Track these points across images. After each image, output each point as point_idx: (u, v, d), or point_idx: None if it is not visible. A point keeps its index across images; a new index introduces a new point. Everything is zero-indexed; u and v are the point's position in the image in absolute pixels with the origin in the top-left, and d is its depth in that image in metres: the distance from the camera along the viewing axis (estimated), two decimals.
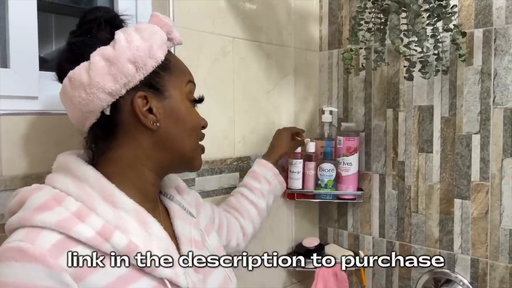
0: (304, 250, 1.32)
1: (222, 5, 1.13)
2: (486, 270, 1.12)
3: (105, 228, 0.60)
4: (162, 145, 0.69)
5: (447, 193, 1.19)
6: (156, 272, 0.62)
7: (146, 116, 0.67)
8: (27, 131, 0.79)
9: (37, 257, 0.54)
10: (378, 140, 1.32)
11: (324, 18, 1.43)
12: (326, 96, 1.44)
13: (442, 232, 1.20)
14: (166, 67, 0.69)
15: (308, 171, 1.27)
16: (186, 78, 0.73)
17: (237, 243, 1.02)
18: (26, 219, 0.58)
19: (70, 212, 0.60)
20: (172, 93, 0.70)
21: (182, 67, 0.74)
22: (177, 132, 0.70)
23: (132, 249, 0.60)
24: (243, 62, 1.20)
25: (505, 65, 1.08)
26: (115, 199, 0.64)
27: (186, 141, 0.72)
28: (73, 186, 0.63)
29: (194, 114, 0.74)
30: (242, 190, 1.09)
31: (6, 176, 0.76)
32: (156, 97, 0.68)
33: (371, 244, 1.34)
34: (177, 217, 0.76)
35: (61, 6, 1.02)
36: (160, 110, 0.68)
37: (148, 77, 0.67)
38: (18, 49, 0.81)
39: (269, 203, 1.13)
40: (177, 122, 0.70)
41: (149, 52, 0.66)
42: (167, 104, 0.69)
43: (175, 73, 0.71)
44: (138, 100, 0.66)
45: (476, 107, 1.13)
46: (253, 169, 1.13)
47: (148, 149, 0.69)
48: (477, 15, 1.11)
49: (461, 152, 1.16)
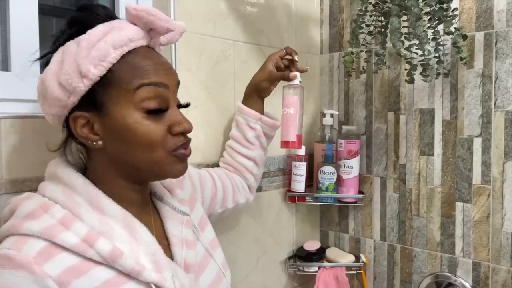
0: (305, 253, 1.31)
1: (223, 8, 1.14)
2: (488, 274, 1.12)
3: (89, 234, 0.60)
4: (119, 161, 0.67)
5: (448, 196, 1.18)
6: (142, 276, 0.62)
7: (84, 137, 0.65)
8: (28, 134, 0.79)
9: (23, 264, 0.56)
10: (379, 143, 1.31)
11: (325, 21, 1.43)
12: (327, 99, 1.44)
13: (443, 236, 1.19)
14: (105, 82, 0.63)
15: (284, 109, 1.01)
16: (135, 84, 0.64)
17: (246, 199, 1.06)
18: (15, 227, 0.60)
19: (55, 219, 0.61)
20: (113, 109, 0.64)
21: (135, 72, 0.64)
22: (124, 149, 0.65)
23: (116, 254, 0.61)
24: (244, 65, 1.20)
25: (506, 68, 1.08)
26: (102, 205, 0.65)
27: (140, 156, 0.65)
28: (61, 194, 0.64)
29: (146, 126, 0.64)
30: (230, 143, 1.07)
31: (7, 179, 0.76)
32: (96, 115, 0.64)
33: (372, 248, 1.34)
34: (167, 218, 0.76)
35: (62, 10, 1.02)
36: (102, 128, 0.65)
37: (85, 97, 0.64)
38: (19, 52, 0.81)
39: (264, 147, 1.07)
40: (122, 138, 0.64)
41: (80, 73, 0.62)
42: (107, 121, 0.64)
43: (119, 84, 0.63)
44: (77, 121, 0.65)
45: (478, 110, 1.12)
46: (235, 117, 1.07)
47: (111, 163, 0.68)
48: (478, 18, 1.11)
49: (463, 155, 1.15)
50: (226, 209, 1.01)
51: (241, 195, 1.04)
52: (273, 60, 1.01)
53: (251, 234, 1.23)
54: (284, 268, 1.34)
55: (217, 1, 1.12)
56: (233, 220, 1.17)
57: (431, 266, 1.22)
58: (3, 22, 0.81)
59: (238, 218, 1.18)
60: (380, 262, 1.33)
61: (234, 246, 1.17)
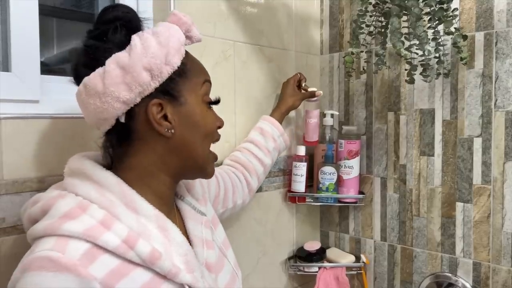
0: (306, 253, 1.31)
1: (223, 9, 1.14)
2: (488, 274, 1.12)
3: (130, 236, 0.60)
4: (177, 151, 0.69)
5: (448, 196, 1.18)
6: (177, 278, 0.62)
7: (160, 124, 0.66)
8: (28, 135, 0.79)
9: (69, 267, 0.54)
10: (379, 143, 1.31)
11: (325, 22, 1.43)
12: (327, 99, 1.44)
13: (444, 236, 1.19)
14: (181, 72, 0.67)
15: (309, 119, 1.27)
16: (202, 79, 0.71)
17: (243, 200, 1.07)
18: (53, 227, 0.57)
19: (96, 220, 0.59)
20: (187, 98, 0.68)
21: (198, 68, 0.72)
22: (191, 137, 0.69)
23: (155, 256, 0.60)
24: (244, 65, 1.20)
25: (507, 68, 1.08)
26: (137, 205, 0.64)
27: (200, 147, 0.70)
28: (95, 192, 0.62)
29: (209, 117, 0.72)
30: (250, 146, 1.11)
31: (7, 179, 0.76)
32: (171, 103, 0.67)
33: (373, 248, 1.34)
34: (188, 218, 0.76)
35: (63, 10, 1.02)
36: (175, 116, 0.67)
37: (163, 84, 0.65)
38: (19, 52, 0.81)
39: (273, 160, 1.16)
40: (192, 127, 0.69)
41: (165, 59, 0.64)
42: (182, 110, 0.68)
43: (191, 76, 0.69)
44: (153, 108, 0.65)
45: (478, 110, 1.12)
46: (260, 125, 1.15)
47: (163, 156, 0.68)
48: (478, 18, 1.11)
49: (463, 155, 1.15)
50: (227, 209, 1.01)
51: (239, 195, 1.04)
52: (294, 84, 1.21)
53: (252, 235, 1.23)
54: (284, 269, 1.34)
55: (217, 1, 1.12)
56: (234, 220, 1.17)
57: (431, 267, 1.22)
58: (3, 22, 0.81)
59: (238, 218, 1.18)
60: (381, 263, 1.33)
61: (234, 246, 1.16)
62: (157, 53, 0.64)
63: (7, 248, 0.75)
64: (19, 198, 0.76)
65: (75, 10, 1.07)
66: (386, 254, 1.31)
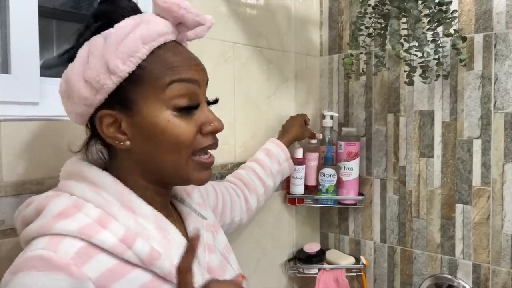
0: (305, 255, 1.31)
1: (223, 11, 1.14)
2: (488, 276, 1.12)
3: (127, 235, 0.57)
4: (142, 164, 0.64)
5: (448, 198, 1.18)
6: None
7: (110, 136, 0.62)
8: (28, 137, 0.79)
9: (61, 266, 0.52)
10: (379, 145, 1.31)
11: (325, 23, 1.43)
12: (327, 101, 1.44)
13: (443, 237, 1.19)
14: (136, 78, 0.60)
15: (309, 162, 1.29)
16: (166, 81, 0.60)
17: (240, 218, 1.04)
18: (46, 227, 0.55)
19: (91, 218, 0.57)
20: (142, 107, 0.60)
21: (166, 67, 0.61)
22: (153, 150, 0.62)
23: (154, 256, 0.58)
24: (244, 67, 1.20)
25: (506, 69, 1.08)
26: (134, 204, 0.62)
27: (168, 160, 0.62)
28: (90, 192, 0.60)
29: (180, 126, 0.61)
30: (254, 165, 1.10)
31: (7, 182, 0.76)
32: (124, 113, 0.61)
33: (372, 250, 1.34)
34: (189, 221, 0.74)
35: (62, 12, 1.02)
36: (129, 127, 0.61)
37: (113, 94, 0.60)
38: (19, 54, 0.81)
39: (276, 183, 1.14)
40: (152, 139, 0.61)
41: (108, 69, 0.58)
42: (136, 120, 0.61)
43: (148, 80, 0.60)
44: (104, 120, 0.61)
45: (477, 111, 1.13)
46: (267, 146, 1.14)
47: (136, 165, 0.64)
48: (478, 20, 1.12)
49: (462, 157, 1.15)
50: (224, 223, 0.99)
51: (237, 212, 1.02)
52: (302, 119, 1.26)
53: (251, 237, 1.23)
54: (284, 270, 1.34)
55: (217, 3, 1.12)
56: None
57: (431, 268, 1.22)
58: (3, 24, 0.81)
59: None
60: (380, 264, 1.32)
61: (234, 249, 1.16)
62: (96, 64, 0.58)
63: (6, 250, 0.75)
64: (19, 200, 0.76)
65: (75, 12, 1.07)
66: (386, 256, 1.31)
